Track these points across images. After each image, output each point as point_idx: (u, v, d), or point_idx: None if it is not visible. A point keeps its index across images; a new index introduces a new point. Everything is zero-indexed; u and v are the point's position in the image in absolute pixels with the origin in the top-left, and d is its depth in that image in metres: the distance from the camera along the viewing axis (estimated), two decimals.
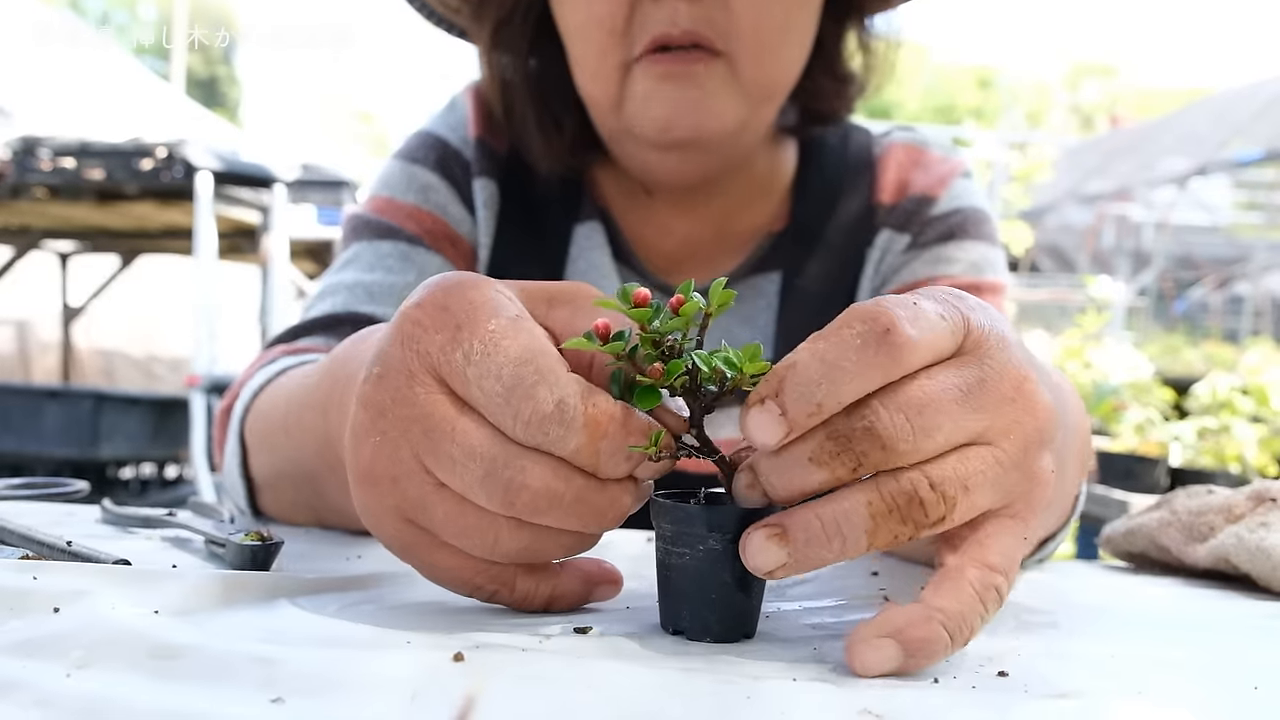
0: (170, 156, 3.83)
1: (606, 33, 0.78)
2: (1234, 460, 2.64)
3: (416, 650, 0.40)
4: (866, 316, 0.40)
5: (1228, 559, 0.69)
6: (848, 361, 0.39)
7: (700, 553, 0.43)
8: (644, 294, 0.42)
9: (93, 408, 4.20)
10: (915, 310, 0.41)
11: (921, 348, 0.40)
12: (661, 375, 0.42)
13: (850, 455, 0.39)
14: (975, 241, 0.91)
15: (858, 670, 0.40)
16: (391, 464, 0.43)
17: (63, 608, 0.42)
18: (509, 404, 0.40)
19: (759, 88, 0.81)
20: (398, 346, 0.43)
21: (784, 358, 0.41)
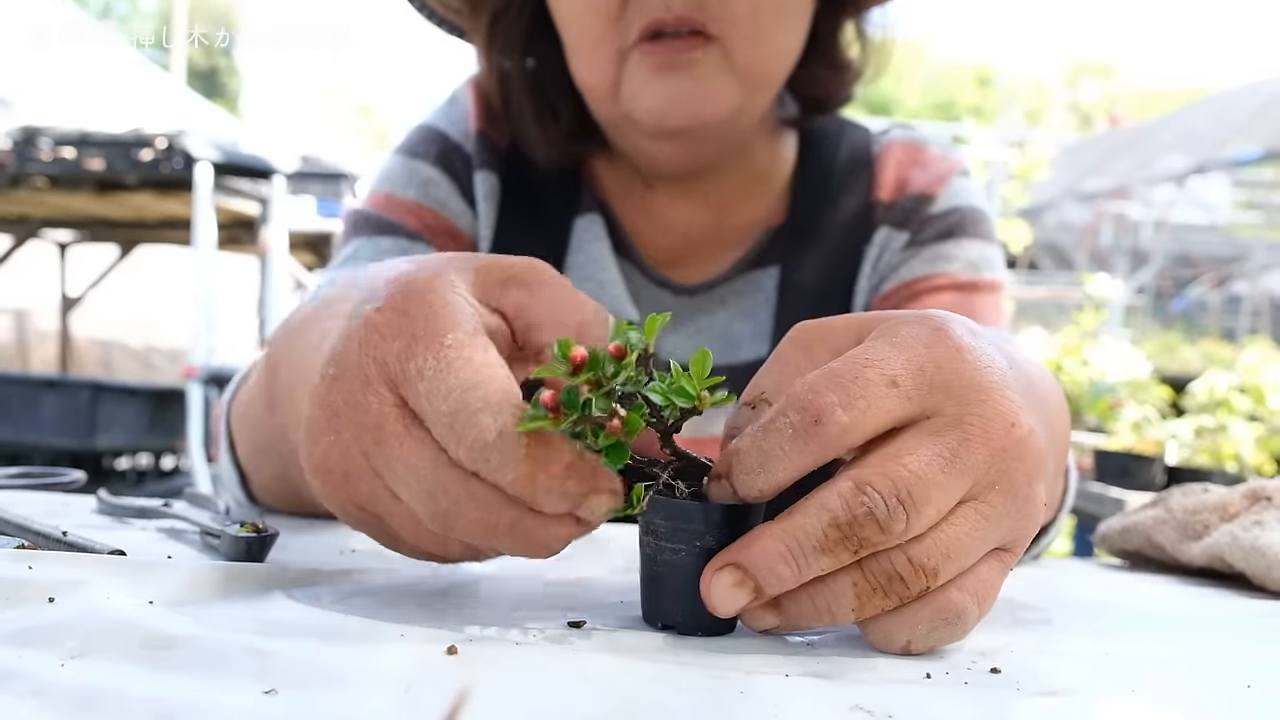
0: (170, 147, 3.83)
1: (601, 19, 0.78)
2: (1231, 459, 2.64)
3: (410, 643, 0.40)
4: (800, 405, 0.41)
5: (1222, 557, 0.69)
6: (781, 451, 0.41)
7: (696, 549, 0.43)
8: (580, 354, 0.40)
9: (90, 398, 4.20)
10: (854, 389, 0.41)
11: (856, 430, 0.41)
12: (622, 430, 0.41)
13: (854, 541, 0.41)
14: (973, 240, 0.91)
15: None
16: (344, 461, 0.43)
17: (58, 598, 0.42)
18: (453, 428, 0.40)
19: (753, 73, 0.81)
20: (355, 349, 0.43)
21: (733, 441, 0.43)
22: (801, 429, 0.41)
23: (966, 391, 0.42)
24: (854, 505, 0.40)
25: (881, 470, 0.41)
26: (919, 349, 0.43)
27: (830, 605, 0.42)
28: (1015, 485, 0.43)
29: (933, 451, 0.41)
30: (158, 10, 30.20)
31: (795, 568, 0.41)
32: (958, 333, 0.44)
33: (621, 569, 0.60)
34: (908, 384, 0.42)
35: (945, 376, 0.42)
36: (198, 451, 3.83)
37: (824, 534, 0.40)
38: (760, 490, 0.42)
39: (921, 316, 0.45)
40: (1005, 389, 0.43)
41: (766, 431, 0.42)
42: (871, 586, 0.42)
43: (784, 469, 0.41)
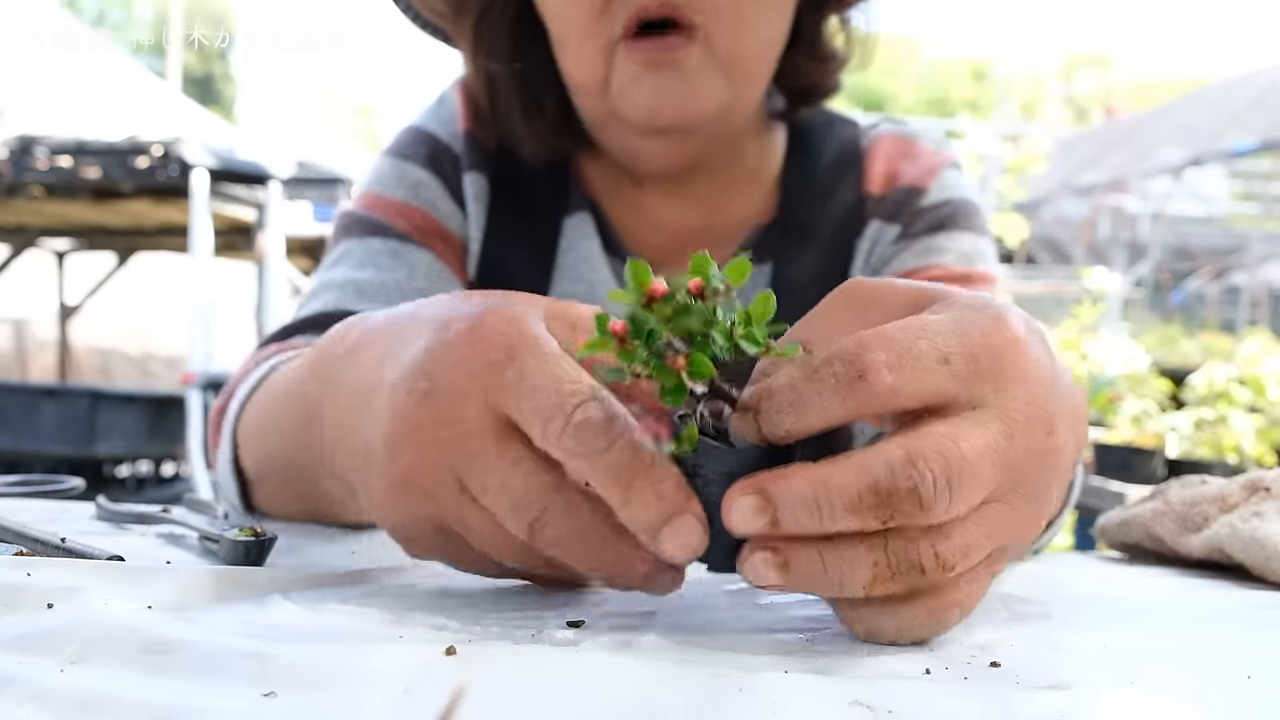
0: (166, 154, 3.83)
1: (586, 12, 0.79)
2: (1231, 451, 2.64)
3: (409, 644, 0.40)
4: (846, 357, 0.40)
5: (1222, 549, 0.69)
6: (817, 398, 0.40)
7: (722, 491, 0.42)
8: (660, 287, 0.40)
9: (89, 405, 4.20)
10: (906, 355, 0.40)
11: (900, 394, 0.40)
12: (685, 368, 0.40)
13: (887, 510, 0.39)
14: (965, 232, 0.91)
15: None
16: (428, 478, 0.44)
17: (56, 604, 0.42)
18: (561, 410, 0.41)
19: (738, 65, 0.81)
20: (448, 366, 0.44)
21: (771, 376, 0.42)
22: (844, 380, 0.40)
23: (1014, 387, 0.41)
24: (900, 476, 0.39)
25: (937, 447, 0.39)
26: (975, 334, 0.42)
27: (843, 576, 0.40)
28: (1037, 491, 0.42)
29: (984, 441, 0.40)
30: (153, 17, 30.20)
31: (818, 517, 0.39)
32: (1015, 325, 0.43)
33: None
34: (959, 365, 0.41)
35: (997, 367, 0.41)
36: (197, 457, 3.83)
37: (859, 495, 0.39)
38: (786, 431, 0.41)
39: (984, 301, 0.44)
40: (1052, 392, 0.43)
41: (806, 375, 0.41)
42: (890, 568, 0.40)
43: (816, 416, 0.40)
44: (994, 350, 0.42)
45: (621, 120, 0.83)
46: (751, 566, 0.41)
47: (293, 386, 0.63)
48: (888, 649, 0.43)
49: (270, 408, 0.68)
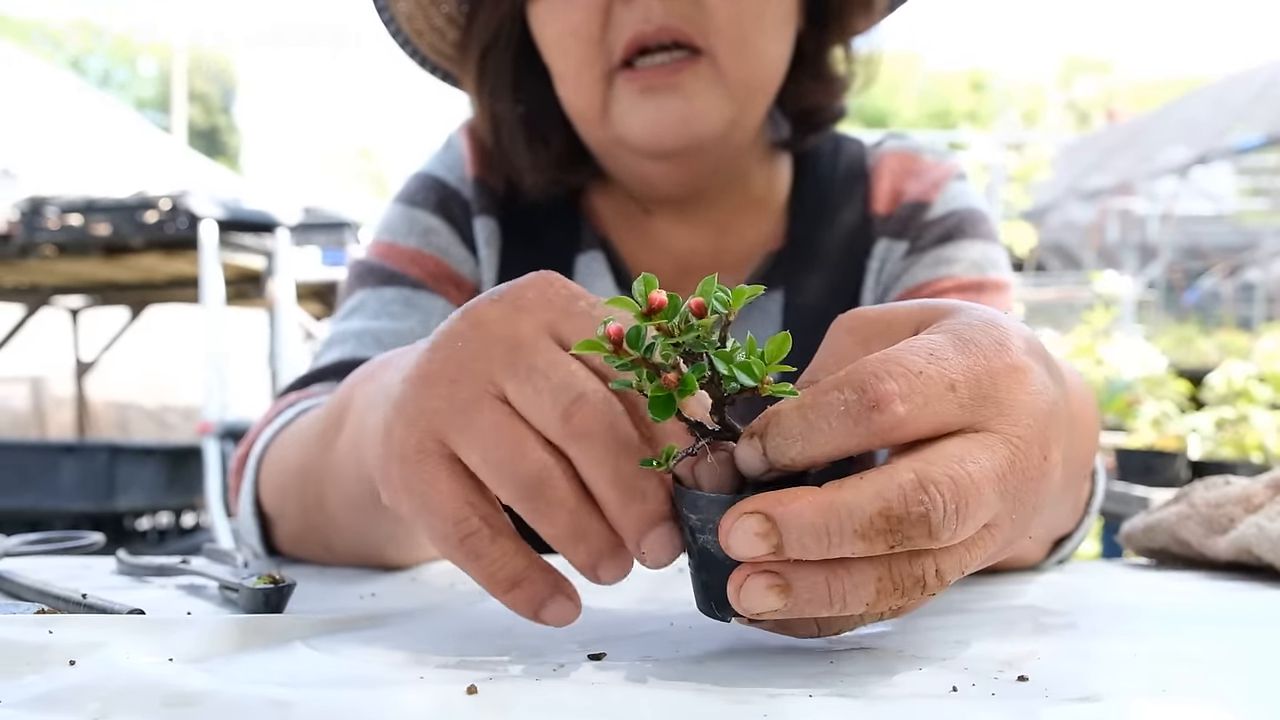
0: (174, 208, 3.86)
1: (583, 41, 0.79)
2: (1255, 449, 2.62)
3: (430, 685, 0.40)
4: (859, 384, 0.39)
5: (1249, 550, 0.68)
6: (826, 425, 0.39)
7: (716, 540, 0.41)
8: (660, 298, 0.40)
9: (108, 460, 4.22)
10: (917, 381, 0.39)
11: (909, 425, 0.39)
12: (677, 385, 0.40)
13: (896, 536, 0.38)
14: (973, 241, 0.90)
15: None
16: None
17: (79, 660, 0.42)
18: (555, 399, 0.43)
19: (742, 85, 0.81)
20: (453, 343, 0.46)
21: (779, 402, 0.41)
22: (855, 411, 0.39)
23: (1015, 411, 0.41)
24: (912, 501, 0.38)
25: (948, 473, 0.38)
26: (980, 358, 0.41)
27: (846, 594, 0.39)
28: (1024, 516, 0.42)
29: (991, 467, 0.39)
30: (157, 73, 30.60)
31: (825, 543, 0.38)
32: (1016, 348, 0.43)
33: (640, 599, 0.59)
34: (964, 392, 0.40)
35: (1000, 393, 0.41)
36: (217, 507, 3.84)
37: (870, 521, 0.38)
38: (791, 459, 0.40)
39: (986, 322, 0.43)
40: (1052, 417, 0.42)
41: (816, 403, 0.40)
42: (894, 585, 0.39)
43: (824, 445, 0.39)
44: (995, 375, 0.41)
45: (625, 147, 0.84)
46: (749, 592, 0.39)
47: (317, 423, 0.64)
48: (913, 669, 0.43)
49: (293, 445, 0.69)
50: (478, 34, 0.88)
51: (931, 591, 0.40)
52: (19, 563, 0.67)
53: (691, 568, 0.44)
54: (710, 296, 0.41)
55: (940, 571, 0.40)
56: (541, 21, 0.83)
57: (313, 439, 0.65)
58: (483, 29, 0.88)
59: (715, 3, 0.77)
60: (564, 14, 0.80)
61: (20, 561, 0.68)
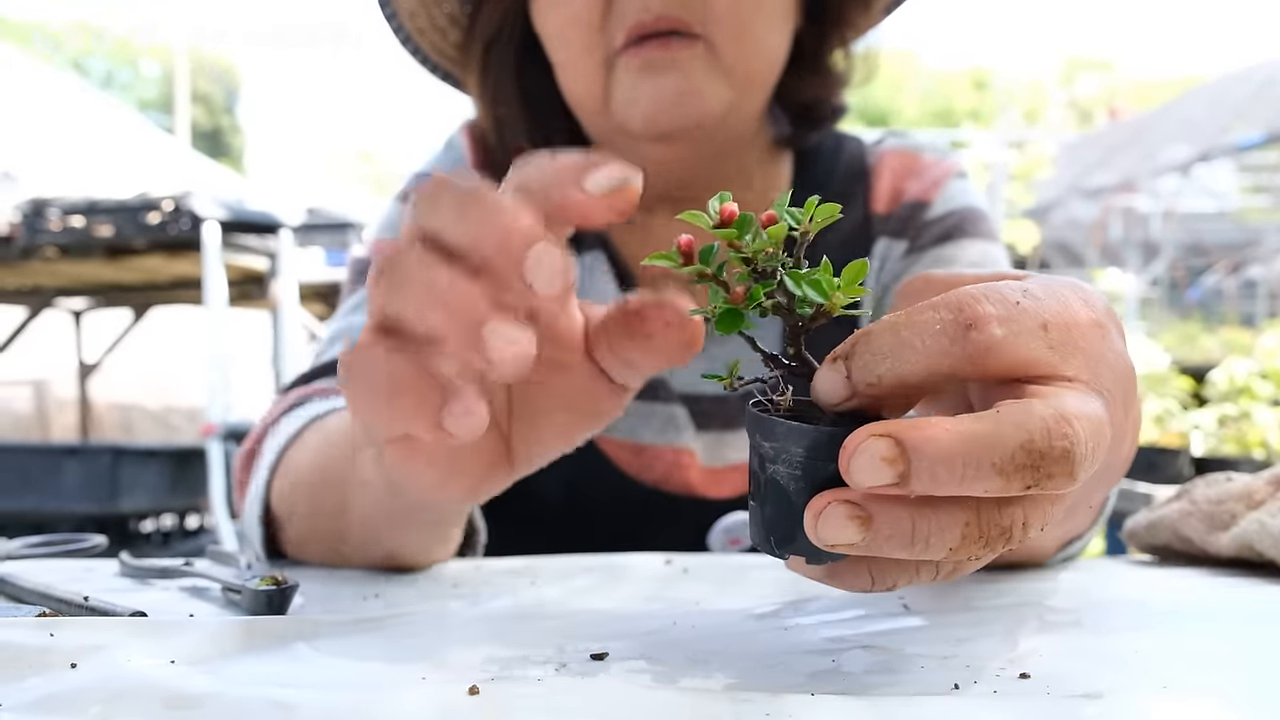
0: (177, 209, 3.86)
1: (584, 29, 0.80)
2: (1258, 446, 2.61)
3: (432, 686, 0.40)
4: (955, 305, 0.38)
5: (1251, 546, 0.68)
6: (919, 343, 0.37)
7: (795, 472, 0.39)
8: (732, 209, 0.40)
9: (111, 462, 4.22)
10: (1014, 310, 0.38)
11: (1004, 352, 0.37)
12: (744, 299, 0.39)
13: (1037, 473, 0.35)
14: (973, 240, 0.90)
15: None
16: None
17: (80, 663, 0.42)
18: None
19: (740, 72, 0.81)
20: None
21: (874, 321, 0.39)
22: (951, 329, 0.37)
23: (1100, 366, 0.39)
24: (1056, 435, 0.35)
25: (1082, 409, 0.36)
26: (1067, 308, 0.40)
27: (930, 536, 0.36)
28: (1098, 477, 0.41)
29: (1100, 411, 0.38)
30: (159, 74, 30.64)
31: (959, 476, 0.35)
32: (1101, 309, 0.41)
33: (641, 597, 0.59)
34: (1055, 335, 0.38)
35: (1085, 343, 0.39)
36: (221, 509, 3.84)
37: (1011, 455, 0.35)
38: (878, 378, 0.37)
39: (1069, 281, 0.42)
40: (1132, 378, 0.41)
41: (910, 320, 0.38)
42: (980, 532, 0.36)
43: (915, 364, 0.37)
44: (1082, 327, 0.40)
45: (625, 131, 0.84)
46: (828, 519, 0.36)
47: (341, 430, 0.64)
48: (915, 667, 0.43)
49: (315, 450, 0.69)
50: (481, 29, 0.89)
51: (1013, 545, 0.38)
52: (21, 565, 0.67)
53: (754, 501, 0.41)
54: (783, 211, 0.40)
55: (1027, 523, 0.37)
56: (543, 14, 0.84)
57: (338, 446, 0.65)
58: (486, 24, 0.88)
59: None
60: (566, 4, 0.81)
61: (23, 564, 0.68)
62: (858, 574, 0.40)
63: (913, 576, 0.40)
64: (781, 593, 0.59)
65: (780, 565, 0.70)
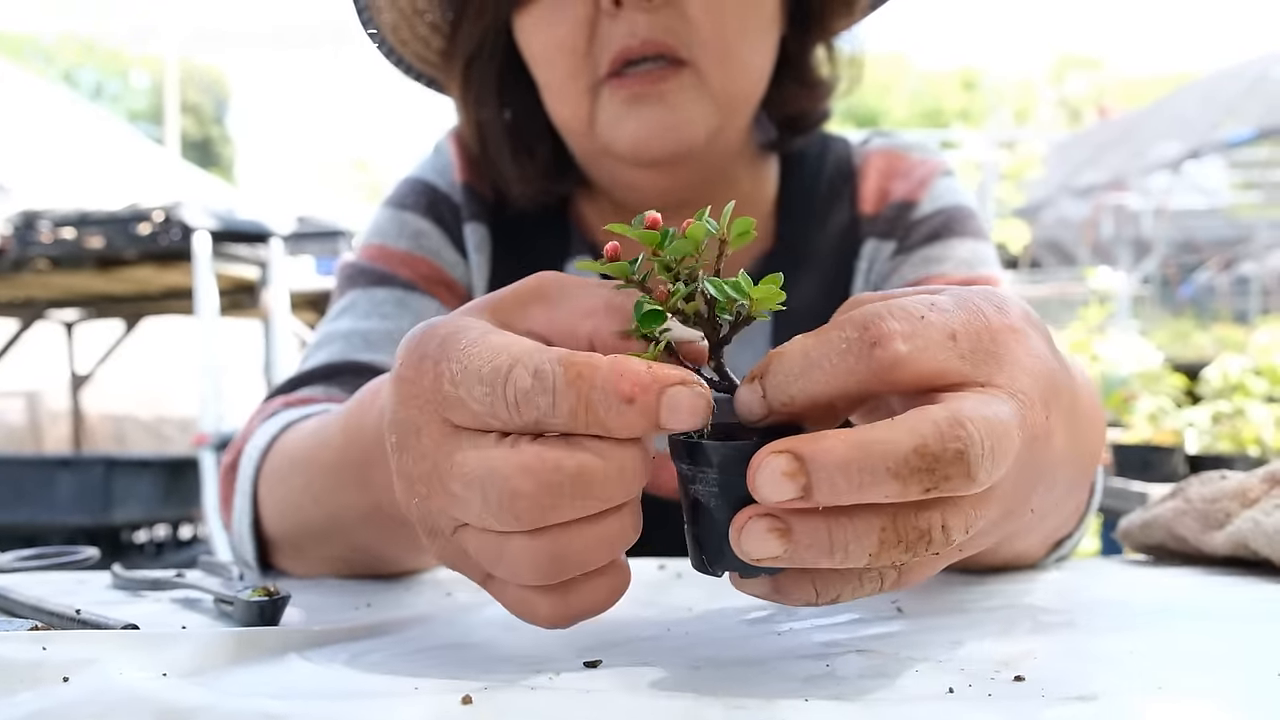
0: (167, 219, 3.86)
1: (569, 54, 0.79)
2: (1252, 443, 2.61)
3: (425, 695, 0.39)
4: (860, 324, 0.39)
5: (1246, 545, 0.68)
6: (827, 363, 0.39)
7: (714, 490, 0.40)
8: (655, 218, 0.41)
9: (104, 473, 4.20)
10: (919, 324, 0.39)
11: (910, 365, 0.39)
12: (666, 297, 0.41)
13: (933, 476, 0.36)
14: (962, 239, 0.90)
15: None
16: (432, 521, 0.43)
17: (72, 676, 0.42)
18: (494, 396, 0.39)
19: (727, 95, 0.81)
20: (398, 407, 0.43)
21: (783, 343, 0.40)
22: (856, 347, 0.38)
23: (1016, 370, 0.41)
24: (949, 437, 0.36)
25: (979, 412, 0.37)
26: (979, 316, 0.41)
27: (849, 544, 0.37)
28: (1027, 480, 0.41)
29: (1008, 414, 0.39)
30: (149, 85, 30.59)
31: (857, 483, 0.36)
32: (1014, 312, 0.43)
33: (634, 603, 0.59)
34: (965, 344, 0.40)
35: (999, 349, 0.40)
36: (214, 518, 3.83)
37: (905, 459, 0.36)
38: (791, 397, 0.39)
39: (984, 291, 0.43)
40: (1052, 379, 0.42)
41: (817, 341, 0.39)
42: (898, 537, 0.37)
43: (825, 384, 0.39)
44: (994, 333, 0.41)
45: (611, 155, 0.84)
46: (749, 534, 0.38)
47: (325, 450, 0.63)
48: (909, 671, 0.43)
49: (301, 473, 0.68)
50: (462, 44, 0.88)
51: (935, 550, 0.38)
52: (13, 579, 0.66)
53: (686, 521, 0.42)
54: (703, 219, 0.41)
55: (947, 527, 0.38)
56: (527, 34, 0.83)
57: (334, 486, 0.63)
58: (467, 40, 0.87)
59: (699, 16, 0.77)
60: (550, 28, 0.80)
61: (15, 577, 0.67)
62: (801, 587, 0.41)
63: (856, 588, 0.41)
64: None
65: None
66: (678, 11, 0.77)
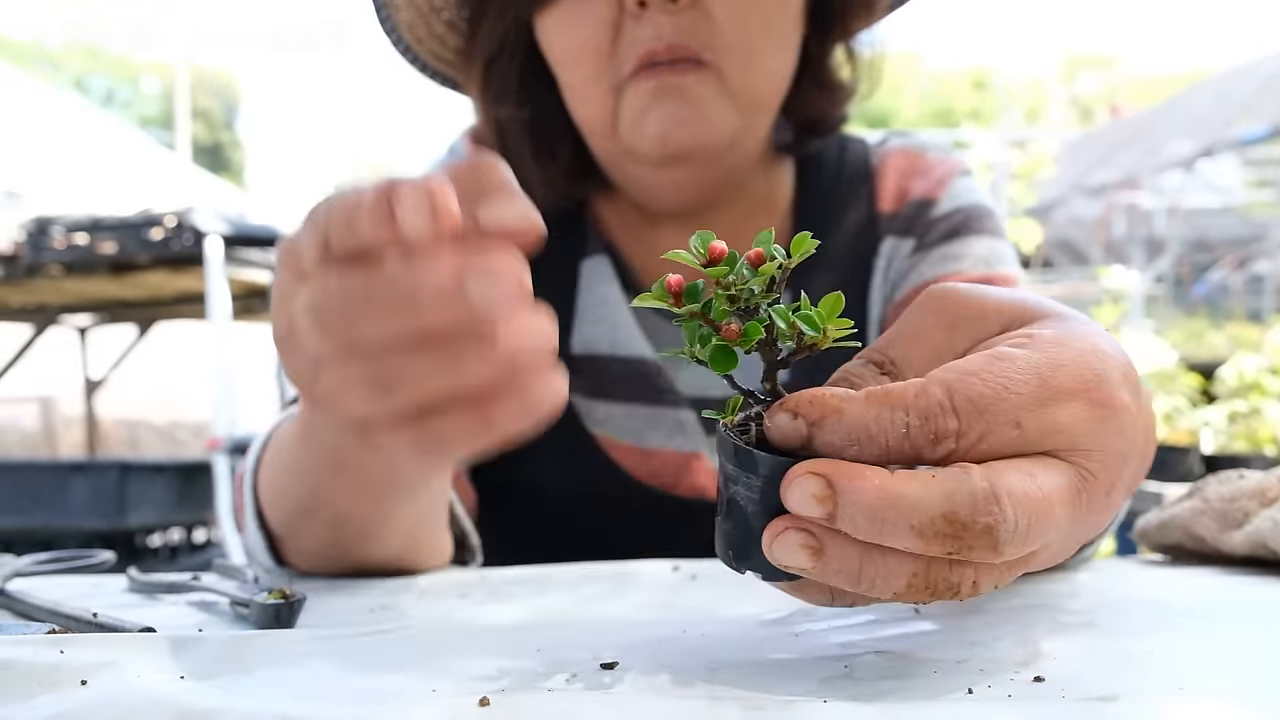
0: (179, 225, 3.87)
1: (593, 55, 0.79)
2: (1269, 442, 2.60)
3: (442, 698, 0.39)
4: (922, 412, 0.38)
5: (1265, 544, 0.68)
6: (884, 440, 0.38)
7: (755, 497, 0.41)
8: (720, 248, 0.41)
9: (118, 478, 4.21)
10: (978, 421, 0.38)
11: (967, 456, 0.38)
12: (738, 336, 0.40)
13: (956, 542, 0.37)
14: (980, 236, 0.90)
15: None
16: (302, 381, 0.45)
17: (90, 680, 0.42)
18: (316, 228, 0.41)
19: (749, 96, 0.81)
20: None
21: (842, 392, 0.39)
22: (915, 436, 0.38)
23: (1094, 449, 0.39)
24: (981, 510, 0.36)
25: (1024, 488, 0.37)
26: (1061, 392, 0.39)
27: (876, 579, 0.38)
28: (1069, 545, 0.41)
29: (1059, 487, 0.38)
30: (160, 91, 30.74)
31: (878, 530, 0.37)
32: (1114, 385, 0.40)
33: (650, 605, 0.59)
34: (1031, 429, 0.38)
35: (1079, 425, 0.39)
36: (228, 522, 3.84)
37: (931, 521, 0.36)
38: (837, 453, 0.39)
39: (1087, 350, 0.41)
40: (1127, 459, 0.41)
41: (878, 415, 0.38)
42: (926, 584, 0.38)
43: (875, 456, 0.38)
44: (1075, 411, 0.39)
45: (634, 155, 0.84)
46: (782, 543, 0.38)
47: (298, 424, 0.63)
48: (928, 673, 0.42)
49: (284, 455, 0.68)
50: (482, 44, 0.88)
51: (960, 599, 0.39)
52: (30, 583, 0.67)
53: (718, 515, 0.43)
54: (768, 247, 0.41)
55: (977, 584, 0.39)
56: (549, 35, 0.83)
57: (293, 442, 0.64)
58: (487, 40, 0.87)
59: (723, 18, 0.77)
60: (573, 29, 0.80)
61: (31, 581, 0.68)
62: (819, 591, 0.42)
63: (870, 601, 0.42)
64: (791, 599, 0.59)
65: None
66: (702, 14, 0.77)
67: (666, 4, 0.76)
